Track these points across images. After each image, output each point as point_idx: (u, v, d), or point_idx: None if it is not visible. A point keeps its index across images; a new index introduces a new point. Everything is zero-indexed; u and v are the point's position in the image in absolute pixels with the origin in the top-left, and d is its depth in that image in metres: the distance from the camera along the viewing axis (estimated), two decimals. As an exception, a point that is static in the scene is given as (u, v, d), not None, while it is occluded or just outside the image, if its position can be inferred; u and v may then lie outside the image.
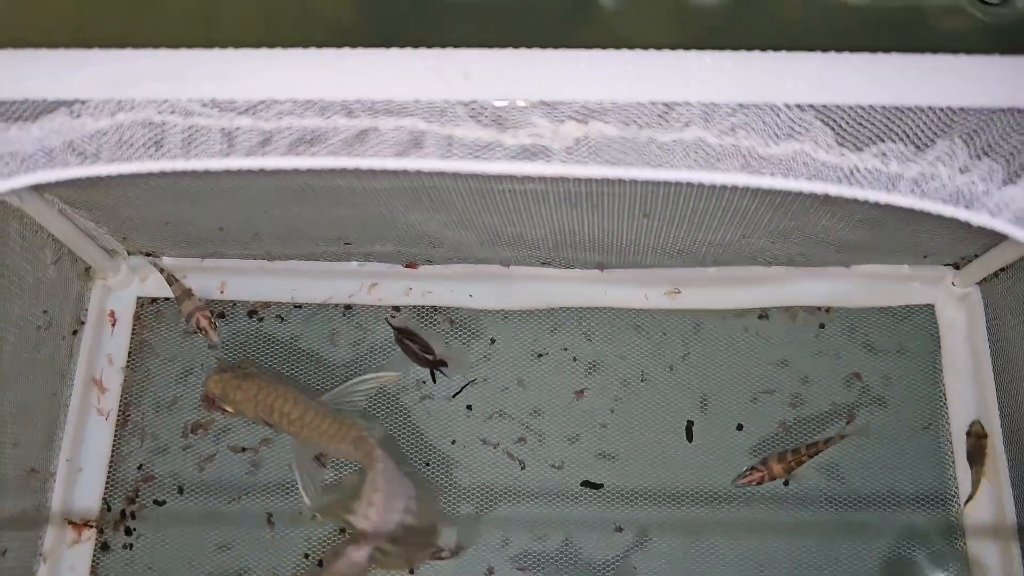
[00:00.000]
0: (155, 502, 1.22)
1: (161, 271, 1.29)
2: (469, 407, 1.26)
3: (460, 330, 1.29)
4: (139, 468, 1.23)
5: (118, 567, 1.19)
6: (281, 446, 1.24)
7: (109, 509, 1.22)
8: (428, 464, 1.23)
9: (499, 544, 1.19)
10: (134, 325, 1.30)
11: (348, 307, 1.31)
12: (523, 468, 1.23)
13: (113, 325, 1.29)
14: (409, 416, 1.26)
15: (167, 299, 1.31)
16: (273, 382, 1.17)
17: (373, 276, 1.32)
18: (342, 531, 1.19)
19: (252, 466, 1.24)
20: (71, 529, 1.20)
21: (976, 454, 1.18)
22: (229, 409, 1.18)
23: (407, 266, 1.31)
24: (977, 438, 1.18)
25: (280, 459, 1.24)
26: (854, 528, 1.19)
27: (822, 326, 1.28)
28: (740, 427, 1.24)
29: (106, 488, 1.22)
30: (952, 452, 1.21)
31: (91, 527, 1.20)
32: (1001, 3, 0.70)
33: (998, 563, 1.16)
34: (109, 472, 1.23)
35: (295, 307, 1.31)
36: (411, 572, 1.17)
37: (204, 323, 1.25)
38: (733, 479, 1.18)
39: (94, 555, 1.19)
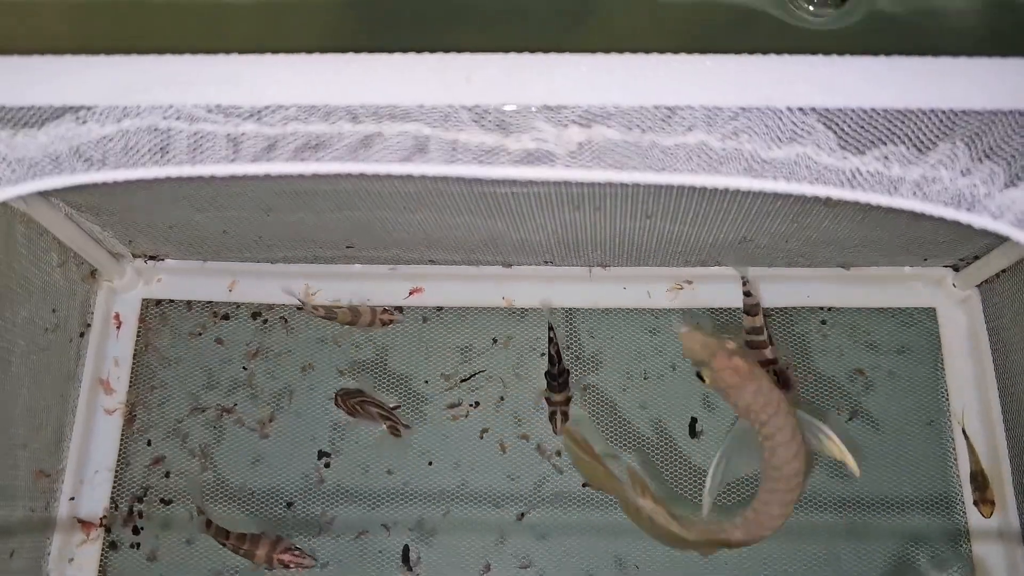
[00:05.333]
0: (162, 501, 1.23)
1: (314, 310, 1.26)
2: (474, 404, 1.26)
3: (462, 329, 1.30)
4: (146, 467, 1.24)
5: (126, 566, 1.20)
6: (284, 444, 1.25)
7: (117, 508, 1.22)
8: (431, 464, 1.24)
9: (495, 542, 1.20)
10: (139, 327, 1.31)
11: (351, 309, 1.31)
12: (524, 465, 1.23)
13: (118, 327, 1.30)
14: (409, 415, 1.26)
15: (171, 301, 1.32)
16: None
17: (375, 278, 1.32)
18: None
19: (257, 464, 1.24)
20: (80, 528, 1.21)
21: (980, 485, 1.17)
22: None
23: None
24: (982, 492, 1.17)
25: (285, 458, 1.25)
26: (857, 528, 1.19)
27: (823, 322, 1.28)
28: (743, 425, 1.24)
29: (114, 487, 1.23)
30: (955, 451, 1.21)
31: (103, 525, 1.21)
32: (835, 6, 0.70)
33: (1002, 564, 1.16)
34: (116, 472, 1.24)
35: (297, 309, 1.31)
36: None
37: (387, 317, 1.25)
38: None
39: (102, 554, 1.20)
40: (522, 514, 1.21)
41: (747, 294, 1.23)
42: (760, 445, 0.95)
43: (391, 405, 1.23)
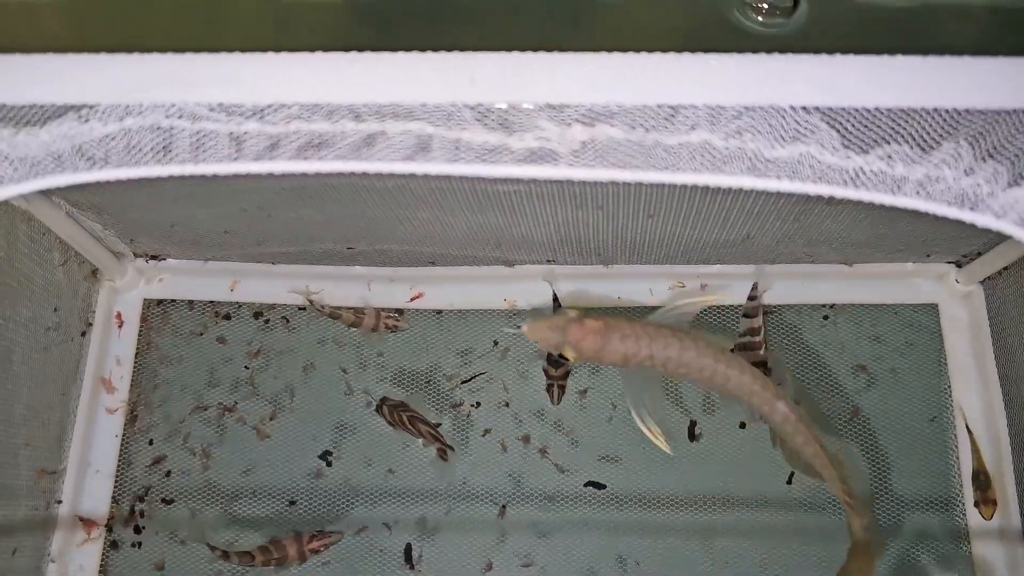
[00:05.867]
0: (163, 500, 1.23)
1: (321, 309, 1.25)
2: (476, 404, 1.26)
3: (463, 330, 1.30)
4: (147, 467, 1.24)
5: (127, 565, 1.20)
6: (286, 444, 1.25)
7: (118, 508, 1.22)
8: (433, 463, 1.24)
9: (497, 540, 1.20)
10: (141, 326, 1.31)
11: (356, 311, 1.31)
12: (526, 467, 1.23)
13: (120, 327, 1.30)
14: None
15: (173, 301, 1.32)
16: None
17: (377, 279, 1.32)
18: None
19: (259, 464, 1.24)
20: (81, 527, 1.21)
21: (982, 485, 1.17)
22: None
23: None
24: (984, 492, 1.17)
25: (283, 459, 1.25)
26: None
27: (826, 318, 1.28)
28: (743, 425, 1.24)
29: (115, 487, 1.23)
30: (957, 449, 1.21)
31: (108, 526, 1.21)
32: (785, 14, 0.70)
33: (1003, 563, 1.16)
34: (118, 471, 1.24)
35: (299, 309, 1.31)
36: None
37: (391, 323, 1.24)
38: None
39: (103, 553, 1.20)
40: (503, 507, 1.21)
41: (752, 297, 1.23)
42: (670, 376, 0.99)
43: (435, 423, 1.22)
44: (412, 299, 1.31)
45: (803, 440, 1.00)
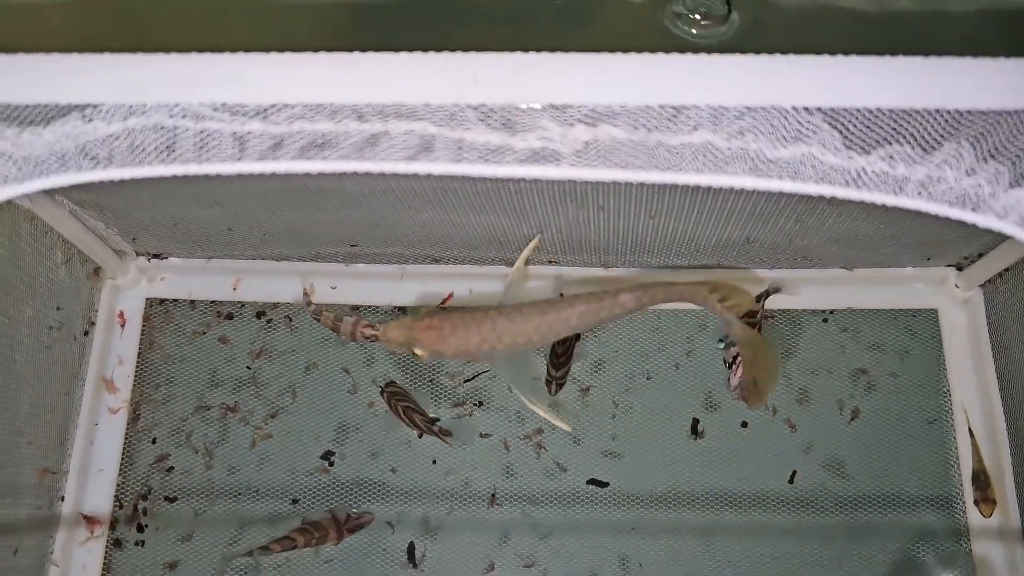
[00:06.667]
0: (166, 499, 1.23)
1: (317, 318, 1.20)
2: (479, 403, 1.27)
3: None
4: (150, 466, 1.25)
5: (130, 564, 1.20)
6: (288, 443, 1.25)
7: (121, 506, 1.23)
8: (435, 462, 1.24)
9: (499, 540, 1.20)
10: (143, 325, 1.31)
11: (355, 307, 1.31)
12: (528, 465, 1.23)
13: (122, 326, 1.30)
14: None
15: (175, 300, 1.32)
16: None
17: (380, 277, 1.32)
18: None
19: (261, 463, 1.25)
20: (84, 526, 1.21)
21: (982, 485, 1.18)
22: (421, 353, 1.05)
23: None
24: (983, 491, 1.18)
25: (286, 457, 1.25)
26: (858, 526, 1.20)
27: (825, 321, 1.28)
28: (745, 424, 1.24)
29: (118, 485, 1.24)
30: (956, 450, 1.21)
31: (111, 524, 1.21)
32: (720, 23, 0.70)
33: (1002, 563, 1.16)
34: (121, 470, 1.24)
35: (307, 306, 1.31)
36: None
37: (368, 332, 1.15)
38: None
39: (106, 552, 1.20)
40: (493, 495, 1.22)
41: (758, 298, 1.24)
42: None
43: (432, 417, 1.22)
44: (443, 301, 1.31)
45: (659, 289, 1.01)
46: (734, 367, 1.21)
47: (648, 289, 1.01)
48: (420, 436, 1.23)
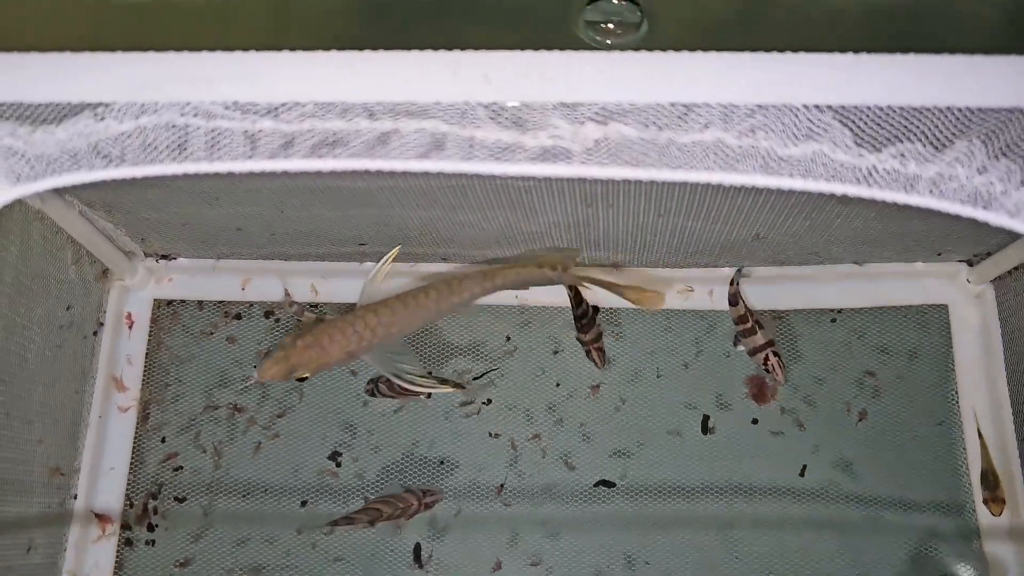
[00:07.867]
0: (176, 498, 1.23)
1: (300, 318, 1.24)
2: (487, 401, 1.27)
3: (476, 327, 1.30)
4: (159, 464, 1.25)
5: (142, 562, 1.21)
6: (295, 443, 1.26)
7: (132, 505, 1.23)
8: (443, 463, 1.24)
9: (506, 540, 1.20)
10: (151, 327, 1.31)
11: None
12: (536, 464, 1.24)
13: (130, 327, 1.31)
14: (418, 412, 1.27)
15: (183, 301, 1.33)
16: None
17: (389, 276, 1.32)
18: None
19: (269, 463, 1.25)
20: (96, 524, 1.21)
21: (991, 484, 1.18)
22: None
23: None
24: (992, 491, 1.18)
25: (293, 459, 1.25)
26: (869, 526, 1.19)
27: (833, 320, 1.28)
28: (755, 421, 1.24)
29: (128, 485, 1.24)
30: (965, 449, 1.21)
31: (123, 523, 1.22)
32: (634, 31, 0.70)
33: (1014, 561, 1.16)
34: (131, 469, 1.25)
35: (311, 307, 1.32)
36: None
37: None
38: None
39: (118, 551, 1.21)
40: (501, 486, 1.22)
41: (732, 282, 1.25)
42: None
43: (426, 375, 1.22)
44: None
45: (508, 273, 1.13)
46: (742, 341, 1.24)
47: (489, 275, 1.12)
48: (428, 396, 1.25)
